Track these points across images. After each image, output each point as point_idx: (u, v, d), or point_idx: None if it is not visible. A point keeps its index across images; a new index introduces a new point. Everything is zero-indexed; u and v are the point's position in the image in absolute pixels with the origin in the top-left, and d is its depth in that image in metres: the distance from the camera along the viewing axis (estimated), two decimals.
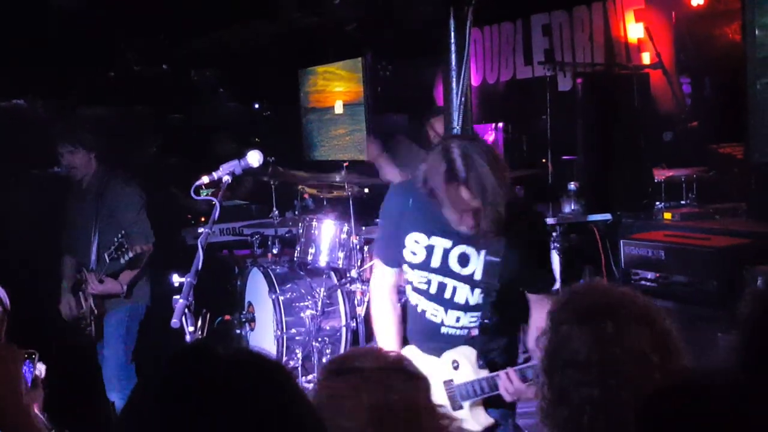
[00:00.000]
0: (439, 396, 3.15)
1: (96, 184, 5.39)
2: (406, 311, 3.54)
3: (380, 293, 3.54)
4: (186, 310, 2.97)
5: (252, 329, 6.28)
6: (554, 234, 6.10)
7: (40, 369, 2.79)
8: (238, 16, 8.74)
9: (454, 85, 4.06)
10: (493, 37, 9.01)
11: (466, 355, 3.27)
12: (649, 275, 4.98)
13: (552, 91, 7.52)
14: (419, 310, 3.39)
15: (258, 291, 6.18)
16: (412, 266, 3.34)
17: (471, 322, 3.29)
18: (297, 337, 5.89)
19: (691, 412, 1.42)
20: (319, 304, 5.81)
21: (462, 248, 3.23)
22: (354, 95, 10.11)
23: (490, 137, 8.84)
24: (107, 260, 5.05)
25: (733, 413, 1.39)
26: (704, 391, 1.45)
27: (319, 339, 5.83)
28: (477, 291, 3.24)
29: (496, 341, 3.35)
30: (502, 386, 3.11)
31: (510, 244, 3.17)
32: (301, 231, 6.05)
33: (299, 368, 5.77)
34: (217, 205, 3.29)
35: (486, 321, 3.28)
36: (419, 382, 1.91)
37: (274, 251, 6.53)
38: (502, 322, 3.31)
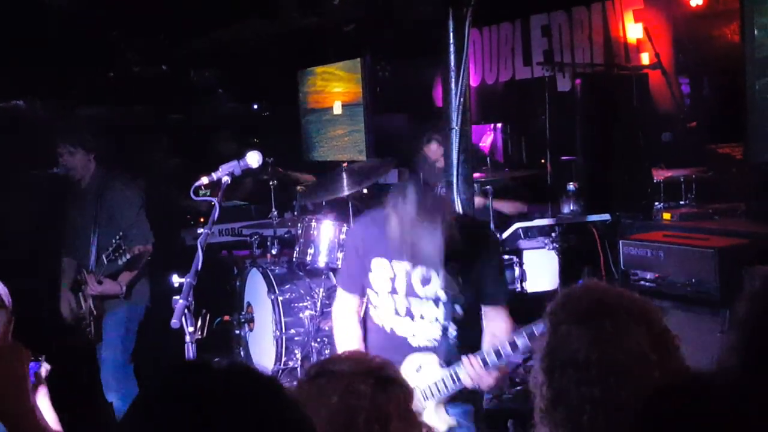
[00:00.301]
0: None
1: (95, 185, 5.38)
2: (366, 333, 3.70)
3: (342, 318, 3.72)
4: (186, 311, 2.97)
5: (251, 330, 6.29)
6: (553, 234, 6.10)
7: (46, 367, 2.80)
8: (237, 16, 8.75)
9: (453, 85, 4.06)
10: (492, 38, 9.02)
11: (429, 358, 3.41)
12: (648, 275, 4.98)
13: (551, 91, 7.53)
14: (388, 329, 3.54)
15: (257, 291, 6.18)
16: (378, 292, 3.52)
17: (439, 334, 3.45)
18: (296, 338, 5.90)
19: (691, 412, 1.42)
20: (318, 304, 5.80)
21: (422, 269, 3.40)
22: (353, 96, 10.11)
23: (489, 138, 8.85)
24: (105, 262, 5.04)
25: (733, 413, 1.39)
26: (704, 391, 1.45)
27: (318, 339, 5.83)
28: (441, 306, 3.41)
29: (460, 349, 3.46)
30: (463, 371, 3.22)
31: (465, 261, 3.36)
32: (300, 231, 6.05)
33: (298, 368, 5.77)
34: (217, 205, 3.28)
35: (451, 332, 3.44)
36: (394, 389, 1.90)
37: (273, 252, 6.52)
38: (465, 331, 3.47)
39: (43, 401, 2.76)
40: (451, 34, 4.12)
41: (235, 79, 10.85)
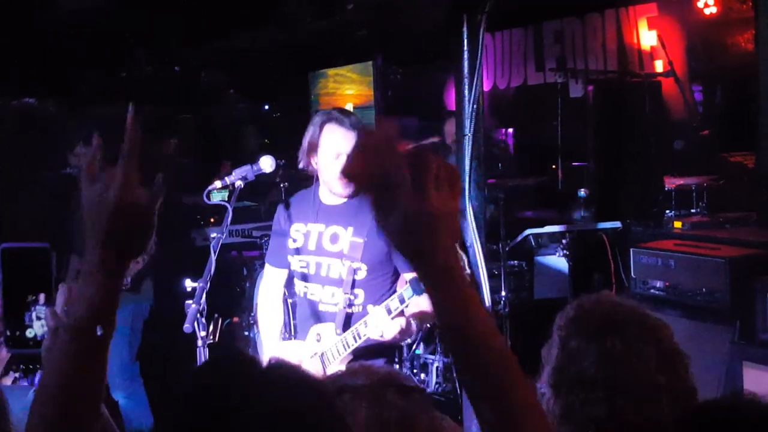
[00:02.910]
0: (311, 368, 3.38)
1: None
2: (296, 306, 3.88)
3: (265, 292, 3.88)
4: (198, 315, 2.99)
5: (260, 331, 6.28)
6: (564, 241, 6.09)
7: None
8: (249, 19, 8.76)
9: (466, 92, 4.06)
10: (504, 43, 9.01)
11: (328, 327, 3.51)
12: (659, 284, 4.96)
13: (563, 97, 7.53)
14: (302, 294, 3.67)
15: None
16: (293, 252, 3.65)
17: (342, 296, 3.50)
18: None
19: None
20: None
21: (333, 228, 3.54)
22: (364, 98, 10.11)
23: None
24: None
25: None
26: (746, 413, 1.43)
27: None
28: (346, 265, 3.47)
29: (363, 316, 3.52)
30: (369, 321, 3.33)
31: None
32: None
33: None
34: (230, 210, 3.30)
35: (353, 296, 3.50)
36: (415, 395, 1.89)
37: None
38: (369, 297, 3.49)
39: None
40: (465, 41, 4.11)
41: (247, 81, 10.86)
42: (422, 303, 3.34)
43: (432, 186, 1.28)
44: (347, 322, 3.50)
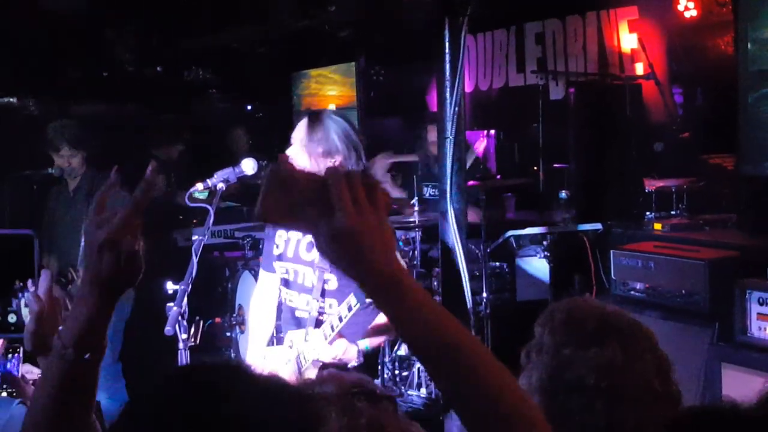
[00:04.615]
0: (288, 373, 3.50)
1: (85, 185, 5.38)
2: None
3: (258, 297, 3.89)
4: (179, 318, 2.99)
5: (242, 332, 6.28)
6: (545, 243, 6.12)
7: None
8: (232, 18, 8.74)
9: (447, 94, 4.05)
10: (486, 44, 9.04)
11: (299, 334, 3.57)
12: (639, 286, 5.00)
13: (544, 99, 7.55)
14: (283, 299, 3.74)
15: (249, 294, 6.13)
16: (276, 258, 3.71)
17: (315, 304, 3.56)
18: None
19: None
20: None
21: (310, 236, 3.46)
22: (347, 99, 10.12)
23: (482, 144, 8.86)
24: None
25: None
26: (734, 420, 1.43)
27: None
28: (317, 274, 3.53)
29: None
30: (308, 345, 3.44)
31: None
32: None
33: None
34: (211, 212, 3.30)
35: (323, 303, 3.56)
36: (385, 403, 1.89)
37: None
38: (339, 304, 3.50)
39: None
40: (447, 44, 4.11)
41: (229, 81, 10.84)
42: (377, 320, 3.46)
43: (347, 204, 1.26)
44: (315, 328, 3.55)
